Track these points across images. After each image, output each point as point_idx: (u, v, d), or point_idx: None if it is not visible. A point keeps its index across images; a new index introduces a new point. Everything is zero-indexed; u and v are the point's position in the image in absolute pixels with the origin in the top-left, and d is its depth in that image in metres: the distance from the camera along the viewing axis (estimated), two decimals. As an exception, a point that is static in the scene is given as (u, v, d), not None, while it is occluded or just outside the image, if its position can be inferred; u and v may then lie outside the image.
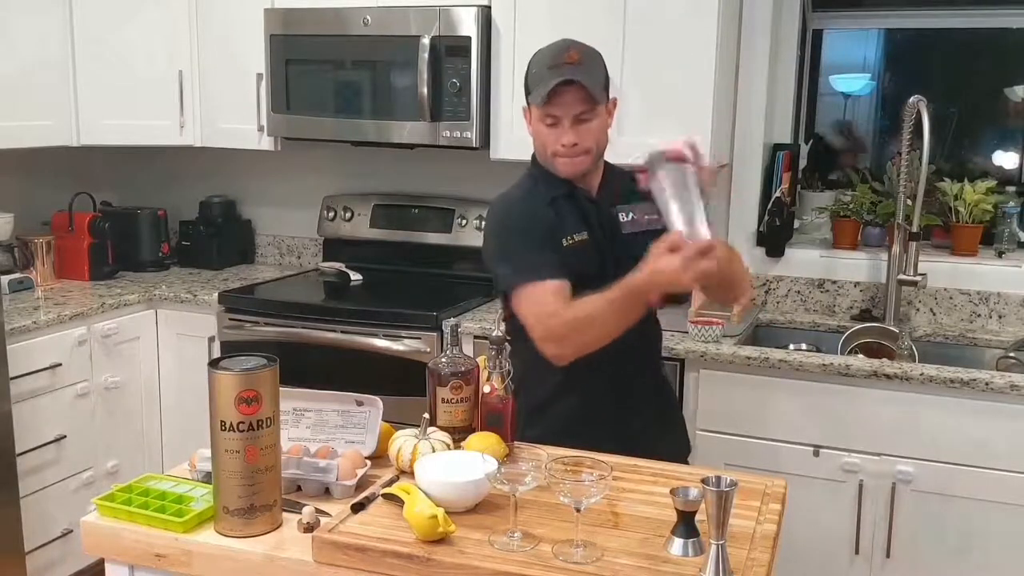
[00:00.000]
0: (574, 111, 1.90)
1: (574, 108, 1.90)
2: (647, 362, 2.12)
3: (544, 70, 1.92)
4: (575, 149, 1.93)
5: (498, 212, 2.05)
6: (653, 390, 2.14)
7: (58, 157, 3.45)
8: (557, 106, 1.90)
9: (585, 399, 2.00)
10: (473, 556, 1.39)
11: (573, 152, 1.93)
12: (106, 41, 3.31)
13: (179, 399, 3.30)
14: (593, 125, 1.94)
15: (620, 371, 1.99)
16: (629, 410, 2.03)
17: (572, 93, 1.89)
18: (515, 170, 3.21)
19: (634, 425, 2.01)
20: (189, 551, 1.48)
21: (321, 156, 3.66)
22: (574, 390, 2.00)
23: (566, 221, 1.97)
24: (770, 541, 1.46)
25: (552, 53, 1.94)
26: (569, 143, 1.92)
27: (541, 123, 1.95)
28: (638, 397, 2.06)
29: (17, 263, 3.28)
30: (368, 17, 3.07)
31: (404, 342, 2.90)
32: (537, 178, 2.04)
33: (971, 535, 2.46)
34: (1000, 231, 3.07)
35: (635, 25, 2.82)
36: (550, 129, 1.94)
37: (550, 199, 1.99)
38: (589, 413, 2.00)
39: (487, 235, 2.05)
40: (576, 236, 1.96)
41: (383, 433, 1.75)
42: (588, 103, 1.91)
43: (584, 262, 1.93)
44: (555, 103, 1.90)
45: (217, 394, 1.44)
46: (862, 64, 3.68)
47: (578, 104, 1.90)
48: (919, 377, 2.45)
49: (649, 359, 2.14)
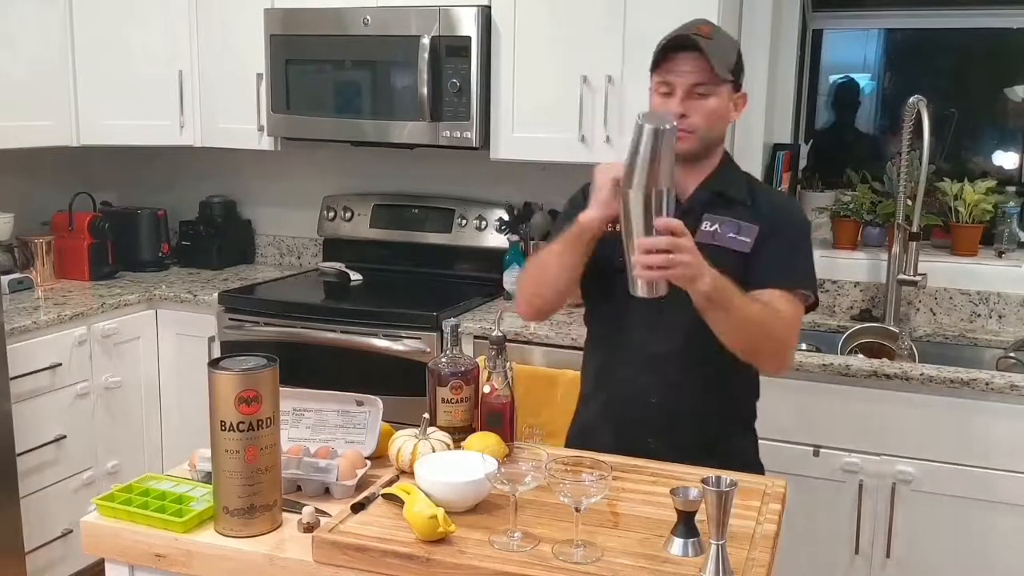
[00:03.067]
0: (690, 80, 1.74)
1: (690, 77, 1.74)
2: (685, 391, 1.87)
3: (670, 39, 1.78)
4: (684, 123, 1.74)
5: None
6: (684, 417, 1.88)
7: (58, 157, 3.45)
8: (672, 72, 1.75)
9: (598, 409, 1.96)
10: (473, 556, 1.39)
11: (682, 125, 1.73)
12: (106, 41, 3.31)
13: (179, 399, 3.30)
14: (709, 103, 1.76)
15: (632, 389, 1.88)
16: (634, 429, 1.88)
17: (691, 62, 1.74)
18: (515, 170, 3.24)
19: (641, 446, 1.83)
20: (189, 551, 1.48)
21: (321, 156, 3.66)
22: (594, 397, 1.97)
23: None
24: (770, 541, 1.46)
25: (684, 25, 1.80)
26: (676, 112, 1.73)
27: (656, 94, 1.79)
28: (657, 419, 1.87)
29: (17, 263, 3.28)
30: (368, 17, 3.07)
31: (404, 342, 2.90)
32: None
33: (971, 535, 2.46)
34: (1000, 231, 3.07)
35: (635, 25, 2.82)
36: (663, 99, 1.78)
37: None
38: (598, 424, 1.94)
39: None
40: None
41: (383, 433, 1.75)
42: (707, 77, 1.74)
43: (621, 251, 1.71)
44: (670, 69, 1.76)
45: (217, 394, 1.45)
46: (862, 64, 3.68)
47: (695, 74, 1.74)
48: (919, 377, 2.45)
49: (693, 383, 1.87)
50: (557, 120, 2.95)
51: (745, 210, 1.83)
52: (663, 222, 1.58)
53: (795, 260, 1.84)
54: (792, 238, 1.85)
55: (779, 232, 1.83)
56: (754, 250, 1.81)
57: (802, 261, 1.86)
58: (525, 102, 3.00)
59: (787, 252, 1.83)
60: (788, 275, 1.81)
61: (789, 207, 1.98)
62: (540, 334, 2.76)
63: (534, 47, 2.97)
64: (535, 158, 3.04)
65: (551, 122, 2.97)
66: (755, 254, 1.81)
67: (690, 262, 1.59)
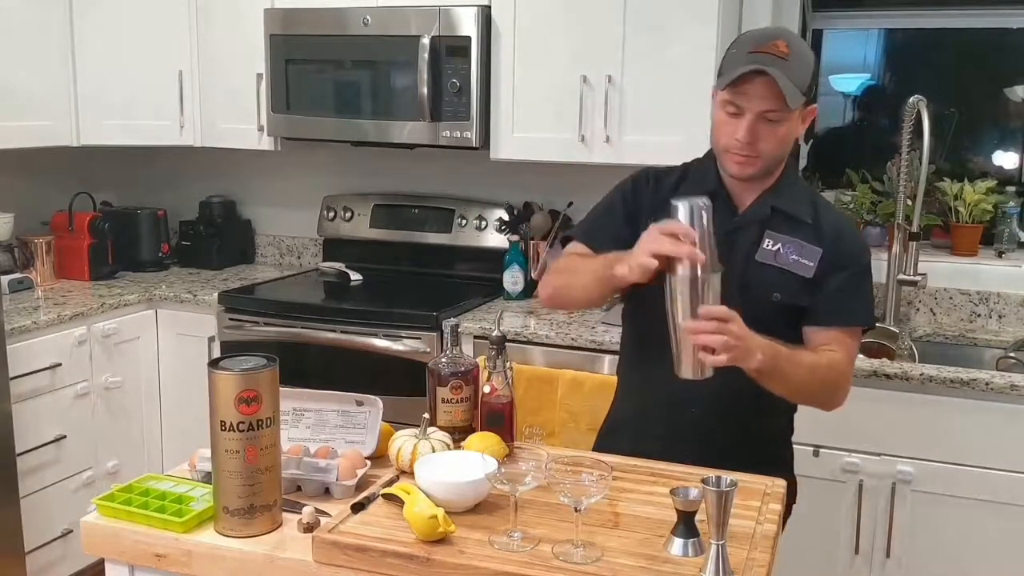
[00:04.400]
0: (760, 107, 1.67)
1: (761, 104, 1.67)
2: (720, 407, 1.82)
3: (744, 53, 1.68)
4: (748, 148, 1.70)
5: (630, 176, 1.93)
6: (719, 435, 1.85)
7: (58, 157, 3.44)
8: (742, 95, 1.68)
9: (631, 415, 1.94)
10: (473, 556, 1.39)
11: (747, 151, 1.70)
12: (106, 41, 3.30)
13: (179, 399, 3.29)
14: (779, 130, 1.70)
15: (665, 402, 1.84)
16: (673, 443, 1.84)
17: (765, 87, 1.65)
18: (515, 170, 3.24)
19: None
20: (189, 551, 1.48)
21: (321, 156, 3.66)
22: (627, 399, 1.97)
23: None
24: (770, 541, 1.46)
25: (759, 37, 1.72)
26: (743, 139, 1.69)
27: (722, 110, 1.72)
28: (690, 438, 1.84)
29: (17, 263, 3.28)
30: (368, 17, 3.07)
31: (404, 342, 2.90)
32: (688, 169, 1.89)
33: (971, 535, 2.46)
34: (1000, 231, 3.07)
35: (635, 25, 2.83)
36: (729, 118, 1.71)
37: (677, 188, 1.81)
38: (629, 429, 1.92)
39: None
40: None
41: (383, 433, 1.75)
42: (779, 103, 1.66)
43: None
44: (741, 91, 1.67)
45: (217, 394, 1.44)
46: (862, 64, 3.68)
47: (767, 101, 1.66)
48: (919, 377, 2.45)
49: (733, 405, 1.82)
50: (557, 120, 2.95)
51: (808, 230, 1.79)
52: (709, 310, 1.55)
53: (858, 298, 1.81)
54: (856, 275, 1.81)
55: (843, 266, 1.79)
56: (816, 278, 1.78)
57: (864, 298, 1.83)
58: (525, 102, 3.00)
59: (851, 291, 1.80)
60: (849, 317, 1.80)
61: (854, 237, 1.90)
62: (540, 334, 2.76)
63: (534, 47, 2.97)
64: (535, 158, 3.04)
65: (551, 122, 2.97)
66: (817, 284, 1.78)
67: (740, 346, 1.56)
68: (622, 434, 1.93)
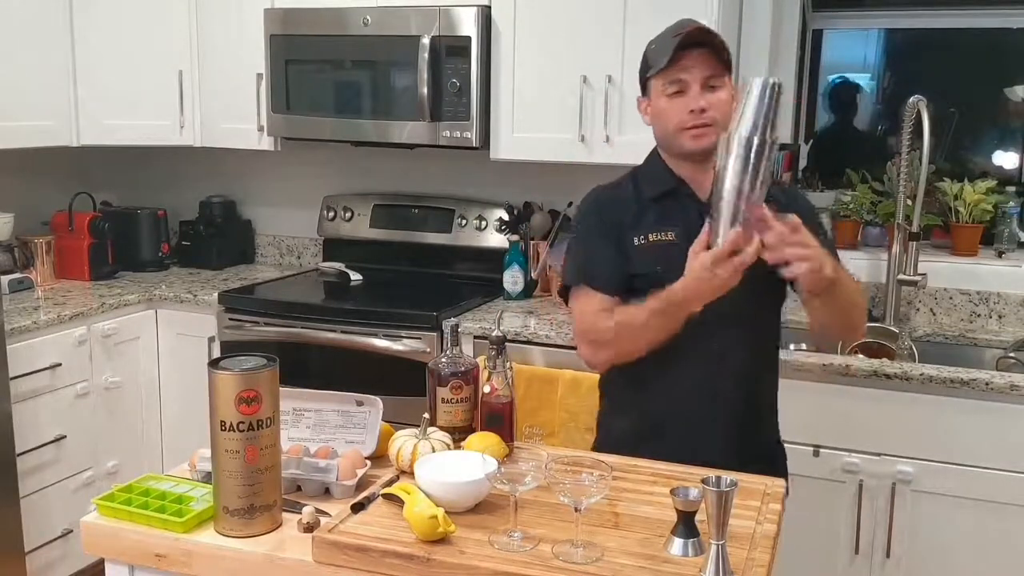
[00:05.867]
0: (703, 73, 1.75)
1: (704, 71, 1.75)
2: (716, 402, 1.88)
3: (668, 39, 1.77)
4: (704, 116, 1.75)
5: (581, 205, 1.96)
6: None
7: (58, 157, 3.44)
8: (684, 69, 1.75)
9: (627, 424, 1.94)
10: (473, 556, 1.39)
11: (702, 119, 1.75)
12: (106, 41, 3.30)
13: (179, 399, 3.29)
14: (722, 95, 1.77)
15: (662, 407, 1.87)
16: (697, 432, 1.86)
17: (700, 57, 1.75)
18: (515, 170, 3.24)
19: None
20: (189, 551, 1.48)
21: (321, 156, 3.66)
22: (624, 410, 1.97)
23: (647, 219, 1.84)
24: (770, 541, 1.46)
25: (674, 26, 1.81)
26: (698, 108, 1.75)
27: (663, 96, 1.79)
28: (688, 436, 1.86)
29: (17, 263, 3.28)
30: (368, 17, 3.07)
31: (404, 342, 2.90)
32: (637, 176, 1.92)
33: (971, 535, 2.46)
34: (1000, 231, 3.07)
35: (635, 26, 2.82)
36: (674, 99, 1.77)
37: (638, 197, 1.86)
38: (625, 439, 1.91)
39: (572, 225, 2.00)
40: (655, 235, 1.82)
41: (383, 433, 1.75)
42: (718, 68, 1.76)
43: (661, 262, 1.77)
44: (681, 67, 1.75)
45: (217, 394, 1.44)
46: (862, 64, 3.68)
47: (707, 67, 1.75)
48: (919, 377, 2.45)
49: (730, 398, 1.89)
50: (557, 120, 2.95)
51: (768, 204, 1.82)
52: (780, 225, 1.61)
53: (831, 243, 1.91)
54: (821, 225, 1.91)
55: (811, 221, 1.81)
56: None
57: (834, 245, 1.93)
58: (525, 102, 3.00)
59: (825, 238, 1.84)
60: (838, 258, 1.83)
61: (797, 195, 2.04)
62: (540, 334, 2.76)
63: (534, 47, 2.97)
64: (535, 158, 3.04)
65: (551, 122, 2.97)
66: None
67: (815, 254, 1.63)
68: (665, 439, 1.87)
